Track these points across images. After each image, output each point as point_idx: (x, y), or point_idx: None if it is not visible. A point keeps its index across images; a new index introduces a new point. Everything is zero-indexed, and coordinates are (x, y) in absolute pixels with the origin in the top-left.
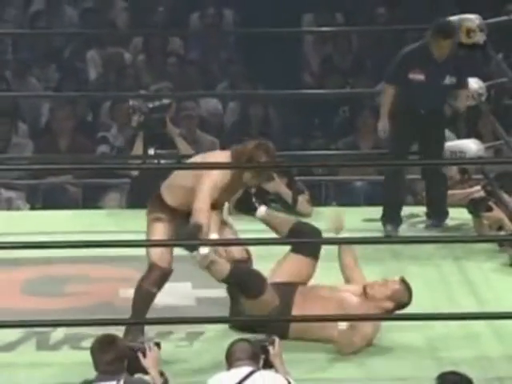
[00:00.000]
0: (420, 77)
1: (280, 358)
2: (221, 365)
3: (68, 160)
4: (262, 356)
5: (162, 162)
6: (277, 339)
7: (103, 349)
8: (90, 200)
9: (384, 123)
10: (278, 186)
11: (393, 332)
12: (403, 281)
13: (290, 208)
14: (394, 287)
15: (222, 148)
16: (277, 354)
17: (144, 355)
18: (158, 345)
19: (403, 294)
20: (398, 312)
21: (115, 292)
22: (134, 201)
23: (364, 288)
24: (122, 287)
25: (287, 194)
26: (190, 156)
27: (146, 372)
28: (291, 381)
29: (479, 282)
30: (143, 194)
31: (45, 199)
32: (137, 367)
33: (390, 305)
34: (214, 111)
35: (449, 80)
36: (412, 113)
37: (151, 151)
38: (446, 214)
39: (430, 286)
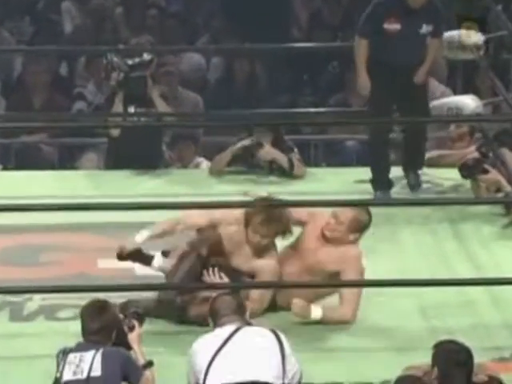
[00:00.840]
0: (396, 26)
1: None
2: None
3: (42, 118)
4: None
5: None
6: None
7: (92, 316)
8: (65, 160)
9: (363, 79)
10: (269, 150)
11: (385, 299)
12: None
13: (286, 172)
14: (347, 216)
15: (206, 106)
16: None
17: (131, 330)
18: (139, 318)
19: (361, 217)
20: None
21: (93, 262)
22: (113, 162)
23: (322, 232)
24: (101, 257)
25: (283, 159)
26: (169, 115)
27: (129, 347)
28: (278, 332)
29: (476, 247)
30: (122, 155)
31: (18, 159)
32: (122, 341)
33: (353, 236)
34: (197, 67)
35: (425, 29)
36: (388, 67)
37: (131, 110)
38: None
39: (424, 251)
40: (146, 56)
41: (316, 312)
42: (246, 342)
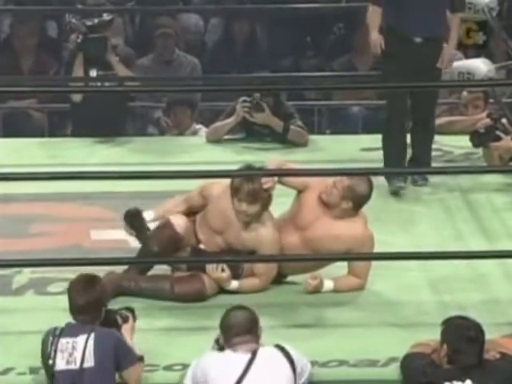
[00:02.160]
0: None
1: None
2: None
3: (31, 82)
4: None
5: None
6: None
7: (79, 291)
8: (56, 127)
9: (375, 36)
10: (266, 117)
11: (393, 272)
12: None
13: (282, 138)
14: (344, 184)
15: (204, 70)
16: None
17: (125, 321)
18: (132, 312)
19: (358, 186)
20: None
21: (86, 233)
22: (78, 129)
23: (319, 196)
24: (94, 228)
25: (277, 123)
26: (130, 79)
27: None
28: (285, 347)
29: (488, 218)
30: (87, 120)
31: (5, 126)
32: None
33: (346, 204)
34: (195, 28)
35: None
36: (403, 38)
37: (93, 73)
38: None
39: (434, 222)
40: (106, 16)
41: (327, 285)
42: (264, 374)
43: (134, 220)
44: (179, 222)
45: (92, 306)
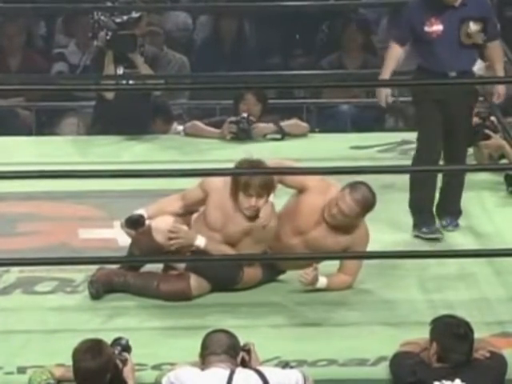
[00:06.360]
0: (438, 28)
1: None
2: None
3: (19, 80)
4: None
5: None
6: (252, 346)
7: (86, 359)
8: (44, 125)
9: (382, 89)
10: (261, 128)
11: (383, 272)
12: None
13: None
14: (355, 211)
15: (192, 68)
16: (254, 360)
17: (124, 364)
18: (128, 348)
19: (368, 203)
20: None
21: (73, 232)
22: (101, 126)
23: (323, 217)
24: (82, 227)
25: (268, 128)
26: (153, 77)
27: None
28: (263, 372)
29: (479, 216)
30: (113, 118)
31: None
32: (117, 379)
33: (354, 220)
34: (183, 26)
35: (474, 27)
36: (439, 78)
37: (120, 71)
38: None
39: None
40: (134, 13)
41: (321, 281)
42: None
43: (136, 227)
44: (160, 227)
45: (101, 372)
